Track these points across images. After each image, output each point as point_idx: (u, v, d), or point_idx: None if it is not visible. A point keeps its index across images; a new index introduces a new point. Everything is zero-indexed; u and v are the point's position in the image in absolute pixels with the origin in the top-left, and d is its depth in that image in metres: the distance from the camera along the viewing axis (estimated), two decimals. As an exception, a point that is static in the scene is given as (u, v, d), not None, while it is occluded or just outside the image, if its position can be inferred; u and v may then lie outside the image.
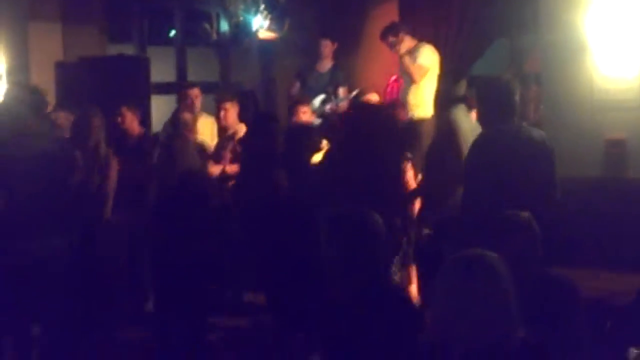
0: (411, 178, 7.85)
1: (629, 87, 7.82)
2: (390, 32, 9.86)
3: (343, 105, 10.28)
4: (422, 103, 9.50)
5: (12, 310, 6.10)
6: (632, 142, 7.83)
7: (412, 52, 9.69)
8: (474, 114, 7.90)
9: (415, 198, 7.72)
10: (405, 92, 9.65)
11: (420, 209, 7.51)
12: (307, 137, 7.42)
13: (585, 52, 8.01)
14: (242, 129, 8.99)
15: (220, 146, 9.13)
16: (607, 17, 7.86)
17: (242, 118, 9.33)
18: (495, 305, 3.52)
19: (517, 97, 5.99)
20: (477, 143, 6.11)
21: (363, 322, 4.23)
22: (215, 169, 8.77)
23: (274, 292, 7.13)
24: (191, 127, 8.62)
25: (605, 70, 7.93)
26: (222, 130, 9.32)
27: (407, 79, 9.68)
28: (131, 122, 9.05)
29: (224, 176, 8.72)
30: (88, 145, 7.78)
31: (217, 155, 8.98)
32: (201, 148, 8.91)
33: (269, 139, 7.35)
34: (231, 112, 9.24)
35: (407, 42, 9.77)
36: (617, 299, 6.39)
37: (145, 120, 9.88)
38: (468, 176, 6.05)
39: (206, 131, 9.55)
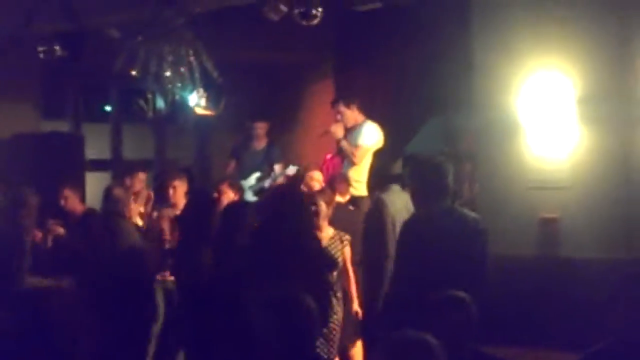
0: (347, 261, 7.91)
1: (561, 167, 7.92)
2: (343, 100, 9.89)
3: (280, 181, 10.31)
4: (363, 180, 9.57)
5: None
6: (565, 221, 7.91)
7: (353, 130, 9.74)
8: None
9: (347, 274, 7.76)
10: (347, 168, 9.70)
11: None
12: (243, 215, 7.41)
13: (518, 132, 8.12)
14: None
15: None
16: (539, 99, 7.98)
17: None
18: None
19: (450, 178, 6.05)
20: (410, 223, 6.15)
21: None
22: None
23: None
24: (126, 204, 8.58)
25: (538, 150, 8.03)
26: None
27: (347, 160, 9.74)
28: (73, 202, 9.03)
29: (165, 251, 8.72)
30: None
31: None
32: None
33: (204, 218, 7.35)
34: (180, 189, 9.23)
35: (355, 116, 9.81)
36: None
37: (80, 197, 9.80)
38: (400, 255, 6.07)
39: None
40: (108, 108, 13.53)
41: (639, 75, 7.87)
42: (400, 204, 7.29)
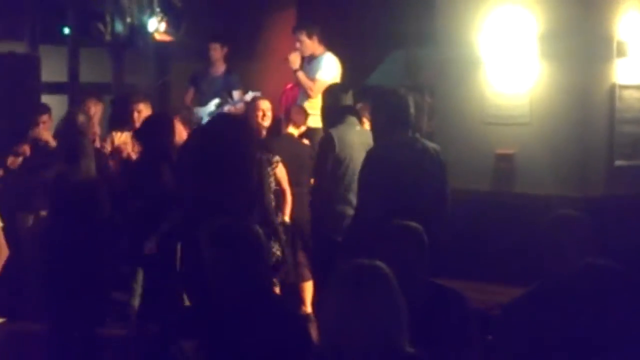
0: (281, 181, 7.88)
1: (520, 104, 7.93)
2: (306, 28, 9.75)
3: (240, 106, 10.21)
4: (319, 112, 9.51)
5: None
6: (521, 157, 7.94)
7: (312, 61, 9.64)
8: (366, 125, 7.97)
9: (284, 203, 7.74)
10: (302, 100, 9.63)
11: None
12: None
13: (478, 67, 8.11)
14: None
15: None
16: (500, 34, 7.96)
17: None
18: (386, 317, 3.48)
19: (412, 110, 6.04)
20: (372, 154, 6.14)
21: (247, 335, 4.20)
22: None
23: (153, 298, 7.10)
24: (87, 129, 8.48)
25: (497, 86, 8.04)
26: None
27: (302, 92, 9.65)
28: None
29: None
30: None
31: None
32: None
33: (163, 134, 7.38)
34: (144, 113, 9.10)
35: (314, 47, 9.69)
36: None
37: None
38: (362, 186, 6.07)
39: None
40: (66, 30, 13.32)
41: (600, 12, 7.87)
42: (352, 137, 7.23)
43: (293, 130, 8.90)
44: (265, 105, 8.91)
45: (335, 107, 7.64)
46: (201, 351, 4.48)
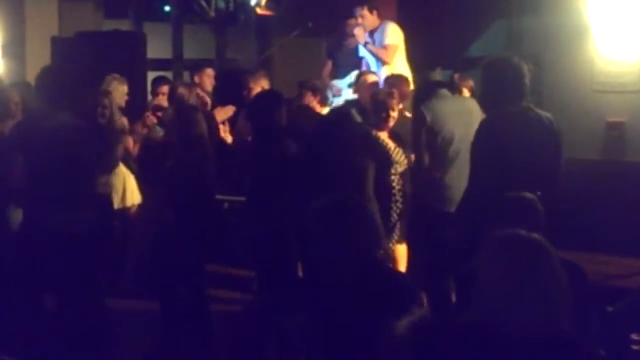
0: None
1: (630, 71, 7.80)
2: (368, 4, 9.73)
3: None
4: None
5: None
6: (631, 125, 7.81)
7: (374, 32, 9.61)
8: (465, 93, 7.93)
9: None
10: (378, 71, 9.53)
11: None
12: None
13: (587, 34, 7.99)
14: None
15: None
16: (609, 0, 7.82)
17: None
18: (550, 293, 3.31)
19: (526, 79, 5.95)
20: (486, 125, 6.04)
21: (361, 305, 4.20)
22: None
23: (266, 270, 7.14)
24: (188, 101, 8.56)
25: (607, 53, 7.92)
26: None
27: (375, 61, 9.59)
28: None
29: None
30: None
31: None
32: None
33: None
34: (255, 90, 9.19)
35: (374, 20, 9.69)
36: (615, 282, 6.38)
37: (142, 95, 9.84)
38: (476, 157, 6.00)
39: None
40: (167, 8, 13.49)
41: None
42: (444, 108, 7.16)
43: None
44: (372, 78, 8.95)
45: (424, 84, 7.65)
46: (313, 325, 4.50)
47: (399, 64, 9.37)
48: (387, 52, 9.37)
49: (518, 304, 3.28)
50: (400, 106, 8.57)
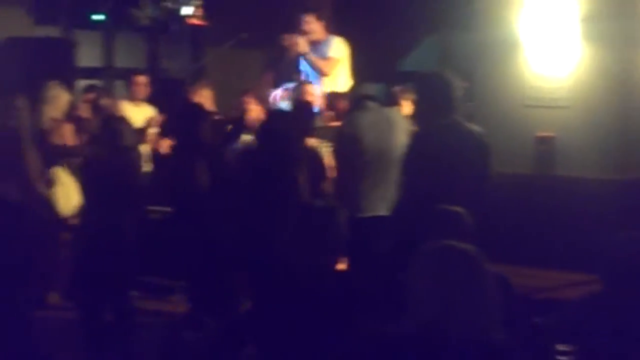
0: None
1: (560, 86, 7.89)
2: (317, 12, 9.68)
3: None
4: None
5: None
6: (561, 140, 7.89)
7: (319, 44, 9.57)
8: (405, 108, 7.98)
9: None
10: (316, 83, 9.52)
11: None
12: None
13: (518, 50, 8.07)
14: None
15: None
16: (540, 16, 7.91)
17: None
18: (481, 302, 3.40)
19: (457, 93, 6.00)
20: (416, 138, 6.11)
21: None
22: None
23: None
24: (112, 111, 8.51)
25: (537, 68, 8.00)
26: None
27: (314, 75, 9.56)
28: None
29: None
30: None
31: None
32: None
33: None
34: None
35: (321, 31, 9.64)
36: (543, 295, 6.44)
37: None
38: (407, 168, 6.04)
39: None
40: (99, 16, 13.36)
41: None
42: (368, 119, 7.25)
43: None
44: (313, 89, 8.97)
45: (353, 95, 7.79)
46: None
47: (340, 79, 9.35)
48: (328, 64, 9.34)
49: (450, 312, 3.33)
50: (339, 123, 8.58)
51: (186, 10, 11.42)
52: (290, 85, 9.86)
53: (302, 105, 7.97)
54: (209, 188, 6.94)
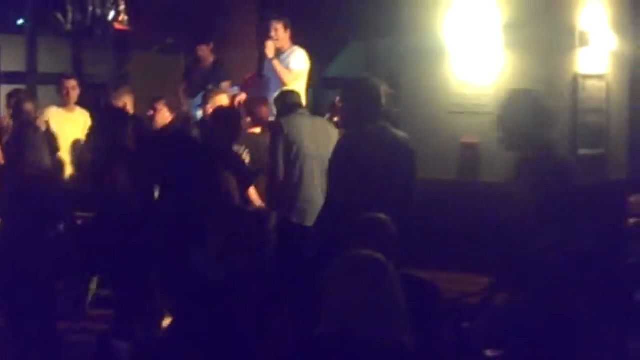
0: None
1: (485, 93, 7.99)
2: (283, 20, 9.72)
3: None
4: None
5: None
6: (485, 146, 7.99)
7: (283, 53, 9.60)
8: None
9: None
10: (274, 91, 9.56)
11: None
12: None
13: (443, 57, 8.16)
14: None
15: None
16: (465, 23, 8.01)
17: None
18: (391, 305, 3.60)
19: (383, 99, 6.06)
20: (342, 143, 6.15)
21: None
22: None
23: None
24: (34, 117, 8.42)
25: (462, 75, 8.09)
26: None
27: (275, 80, 9.59)
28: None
29: None
30: None
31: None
32: (50, 137, 8.73)
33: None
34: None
35: (286, 39, 9.68)
36: (470, 300, 6.50)
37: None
38: (332, 175, 6.08)
39: (79, 125, 9.36)
40: (20, 20, 13.19)
41: (563, 2, 7.95)
42: (302, 124, 7.39)
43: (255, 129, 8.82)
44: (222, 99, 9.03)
45: (286, 100, 7.90)
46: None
47: (298, 91, 9.35)
48: (289, 75, 9.37)
49: (358, 315, 3.54)
50: (258, 130, 8.59)
51: (112, 16, 11.35)
52: (200, 96, 9.95)
53: (223, 112, 7.97)
54: (131, 193, 6.91)
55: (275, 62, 9.47)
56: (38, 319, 6.72)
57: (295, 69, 9.45)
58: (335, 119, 8.71)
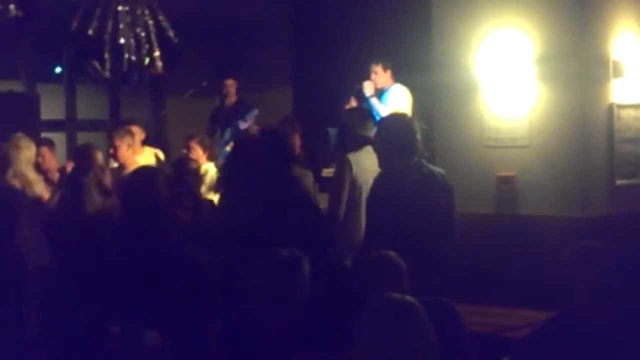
0: None
1: (519, 126, 7.98)
2: (382, 61, 9.78)
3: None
4: None
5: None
6: (522, 179, 7.98)
7: (382, 91, 9.63)
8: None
9: None
10: None
11: None
12: None
13: (477, 91, 8.17)
14: None
15: None
16: (497, 57, 8.02)
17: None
18: (421, 353, 3.60)
19: (418, 135, 6.08)
20: (380, 179, 6.15)
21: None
22: None
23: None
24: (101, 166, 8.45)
25: (496, 109, 8.09)
26: None
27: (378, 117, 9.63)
28: (50, 159, 9.01)
29: None
30: None
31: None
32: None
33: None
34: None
35: (386, 79, 9.73)
36: (508, 333, 6.46)
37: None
38: (371, 211, 6.08)
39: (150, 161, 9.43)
40: (58, 69, 13.39)
41: (596, 33, 7.95)
42: (369, 164, 7.13)
43: None
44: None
45: (354, 133, 7.54)
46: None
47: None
48: (386, 112, 9.35)
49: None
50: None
51: (148, 62, 11.49)
52: (227, 132, 10.07)
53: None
54: None
55: (374, 100, 9.54)
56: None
57: (393, 106, 9.45)
58: None
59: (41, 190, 8.16)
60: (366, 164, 7.11)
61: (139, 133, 9.39)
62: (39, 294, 7.66)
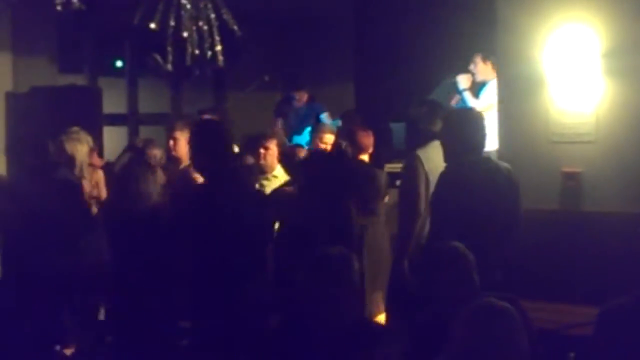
0: None
1: (585, 121, 7.88)
2: (482, 52, 9.70)
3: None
4: None
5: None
6: (588, 175, 7.88)
7: (480, 85, 9.58)
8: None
9: None
10: None
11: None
12: None
13: (542, 86, 8.07)
14: None
15: None
16: (563, 52, 7.92)
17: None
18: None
19: (485, 131, 6.03)
20: (446, 175, 6.10)
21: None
22: None
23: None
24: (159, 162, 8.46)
25: (562, 104, 7.99)
26: None
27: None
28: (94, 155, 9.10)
29: None
30: None
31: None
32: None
33: None
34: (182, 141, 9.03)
35: (487, 71, 9.65)
36: (575, 330, 6.41)
37: (98, 151, 9.81)
38: (435, 208, 6.04)
39: None
40: (119, 63, 13.49)
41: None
42: (439, 160, 6.85)
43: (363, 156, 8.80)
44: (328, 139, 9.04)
45: (421, 129, 7.26)
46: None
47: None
48: (478, 105, 9.33)
49: None
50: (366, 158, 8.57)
51: (211, 55, 11.52)
52: (306, 133, 10.00)
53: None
54: None
55: (466, 94, 9.51)
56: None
57: (486, 101, 9.37)
58: None
59: (99, 182, 8.26)
60: (436, 160, 6.78)
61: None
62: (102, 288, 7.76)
